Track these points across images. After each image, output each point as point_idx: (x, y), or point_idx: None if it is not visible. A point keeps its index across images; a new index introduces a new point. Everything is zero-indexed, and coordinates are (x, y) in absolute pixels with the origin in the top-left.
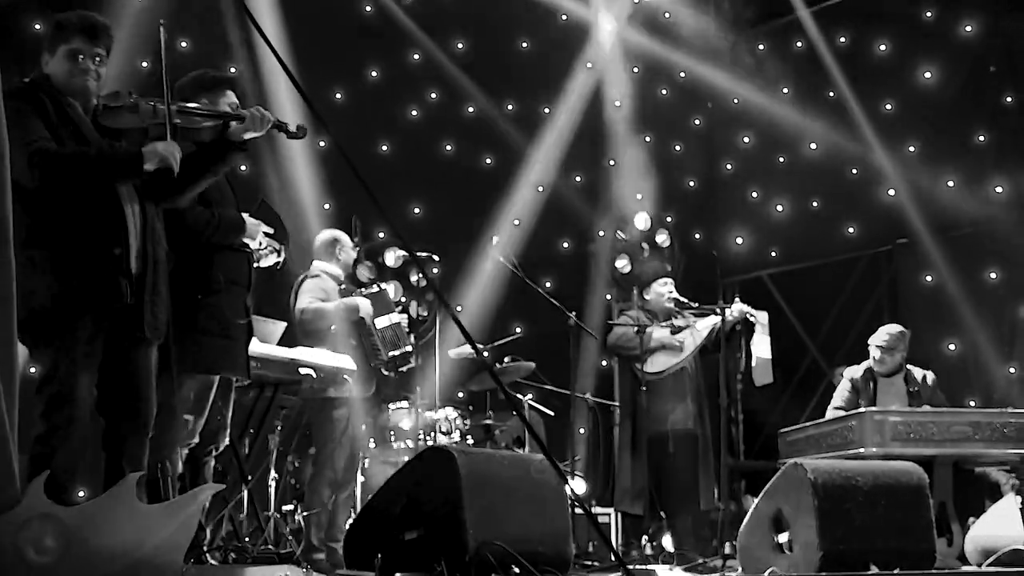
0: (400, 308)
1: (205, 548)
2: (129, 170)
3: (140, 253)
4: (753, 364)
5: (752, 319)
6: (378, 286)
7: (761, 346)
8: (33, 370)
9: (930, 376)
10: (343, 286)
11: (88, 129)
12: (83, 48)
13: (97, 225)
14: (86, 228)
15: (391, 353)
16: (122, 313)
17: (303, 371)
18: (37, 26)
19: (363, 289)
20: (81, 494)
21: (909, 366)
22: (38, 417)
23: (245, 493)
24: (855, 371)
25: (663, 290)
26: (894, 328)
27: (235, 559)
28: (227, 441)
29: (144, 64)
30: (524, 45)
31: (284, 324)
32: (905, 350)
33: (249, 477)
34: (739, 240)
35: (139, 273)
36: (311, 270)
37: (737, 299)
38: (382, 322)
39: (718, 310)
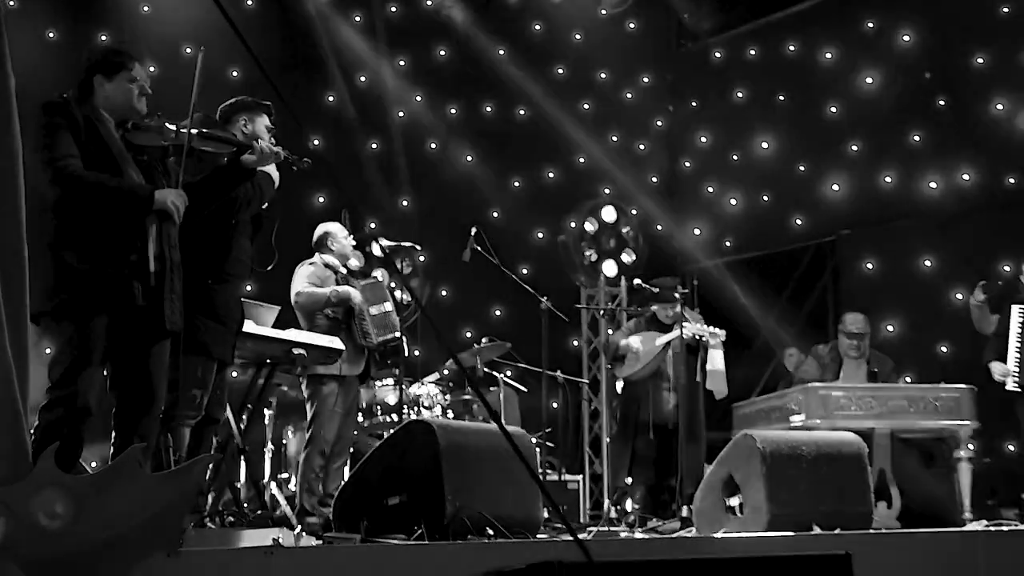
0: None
1: (205, 513)
2: (139, 208)
3: (158, 255)
4: (708, 377)
5: (703, 338)
6: (374, 277)
7: (715, 360)
8: (48, 351)
9: (891, 362)
10: (339, 274)
11: (116, 146)
12: (140, 76)
13: (118, 232)
14: (108, 234)
15: (381, 338)
16: (142, 310)
17: (296, 351)
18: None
19: (361, 280)
20: (94, 464)
21: (873, 350)
22: (46, 391)
23: (243, 463)
24: (822, 348)
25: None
26: (860, 315)
27: (232, 523)
28: (225, 414)
29: (152, 68)
30: (500, 53)
31: (278, 308)
32: (869, 334)
33: (247, 448)
34: (697, 231)
35: (158, 272)
36: (311, 259)
37: (688, 321)
38: (375, 310)
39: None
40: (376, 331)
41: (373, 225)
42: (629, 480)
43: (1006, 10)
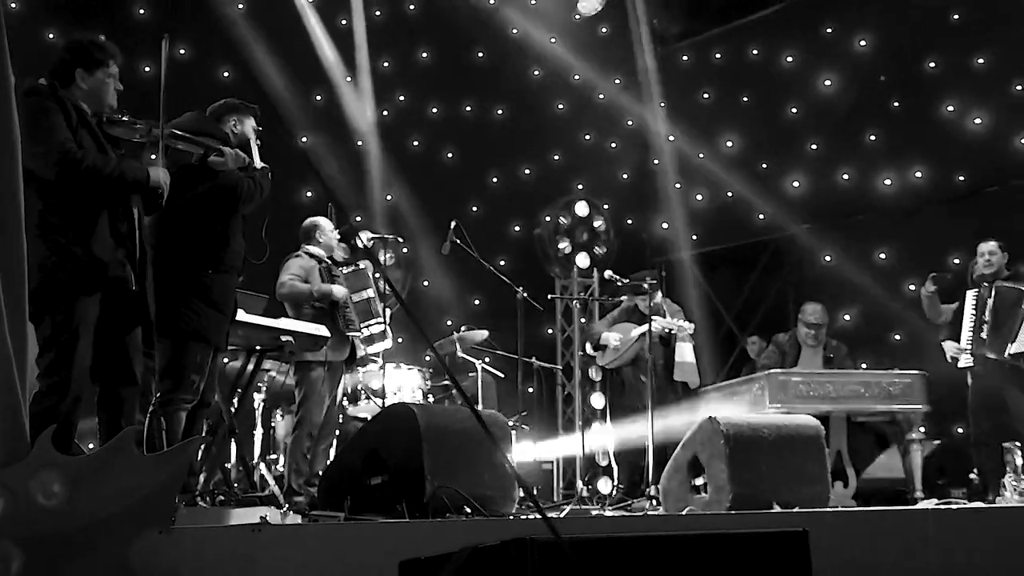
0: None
1: (197, 493)
2: (137, 188)
3: (140, 246)
4: (676, 368)
5: (671, 331)
6: (357, 265)
7: (685, 352)
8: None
9: (844, 348)
10: (323, 264)
11: (100, 135)
12: (116, 72)
13: (112, 220)
14: (102, 222)
15: (363, 324)
16: (126, 296)
17: (284, 338)
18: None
19: (344, 268)
20: (91, 446)
21: (827, 337)
22: (37, 378)
23: (233, 445)
24: (782, 337)
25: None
26: (819, 306)
27: (223, 502)
28: (215, 399)
29: (147, 68)
30: (480, 55)
31: (267, 297)
32: (827, 323)
33: (237, 431)
34: (665, 225)
35: (140, 261)
36: (298, 251)
37: (664, 313)
38: (356, 296)
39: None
40: (359, 318)
41: (358, 219)
42: (605, 462)
43: (956, 17)
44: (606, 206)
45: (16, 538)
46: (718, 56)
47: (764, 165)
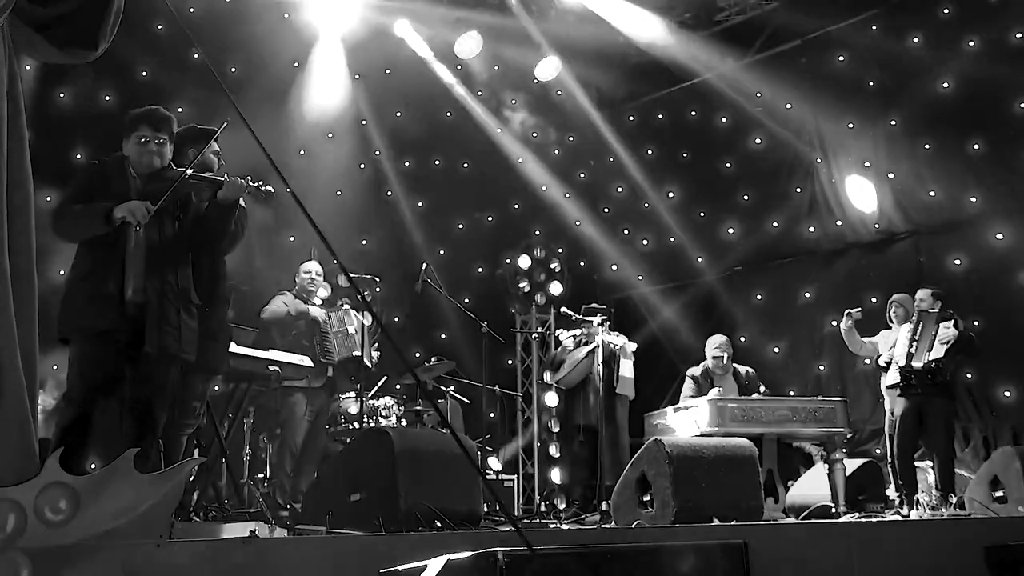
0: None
1: (191, 508)
2: (101, 221)
3: (139, 288)
4: (619, 383)
5: (615, 348)
6: (340, 305)
7: (625, 368)
8: (55, 367)
9: (752, 371)
10: (310, 303)
11: (123, 195)
12: (148, 135)
13: (98, 270)
14: (89, 272)
15: (340, 357)
16: (129, 336)
17: (271, 367)
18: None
19: (329, 308)
20: (92, 466)
21: (735, 365)
22: (60, 396)
23: (224, 465)
24: (695, 371)
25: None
26: (721, 337)
27: (214, 517)
28: (203, 422)
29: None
30: (448, 114)
31: (256, 331)
32: (731, 352)
33: (228, 452)
34: (614, 267)
35: (138, 303)
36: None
37: (606, 333)
38: (337, 331)
39: (597, 337)
40: (338, 351)
41: (335, 261)
42: (558, 480)
43: (871, 84)
44: (560, 250)
45: (25, 549)
46: (660, 117)
47: (702, 214)
